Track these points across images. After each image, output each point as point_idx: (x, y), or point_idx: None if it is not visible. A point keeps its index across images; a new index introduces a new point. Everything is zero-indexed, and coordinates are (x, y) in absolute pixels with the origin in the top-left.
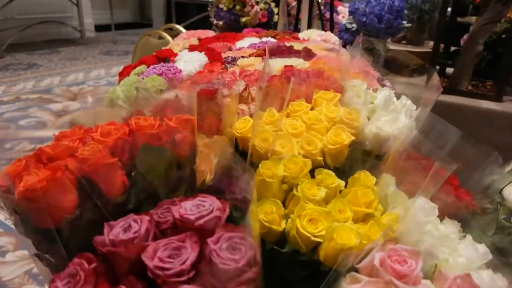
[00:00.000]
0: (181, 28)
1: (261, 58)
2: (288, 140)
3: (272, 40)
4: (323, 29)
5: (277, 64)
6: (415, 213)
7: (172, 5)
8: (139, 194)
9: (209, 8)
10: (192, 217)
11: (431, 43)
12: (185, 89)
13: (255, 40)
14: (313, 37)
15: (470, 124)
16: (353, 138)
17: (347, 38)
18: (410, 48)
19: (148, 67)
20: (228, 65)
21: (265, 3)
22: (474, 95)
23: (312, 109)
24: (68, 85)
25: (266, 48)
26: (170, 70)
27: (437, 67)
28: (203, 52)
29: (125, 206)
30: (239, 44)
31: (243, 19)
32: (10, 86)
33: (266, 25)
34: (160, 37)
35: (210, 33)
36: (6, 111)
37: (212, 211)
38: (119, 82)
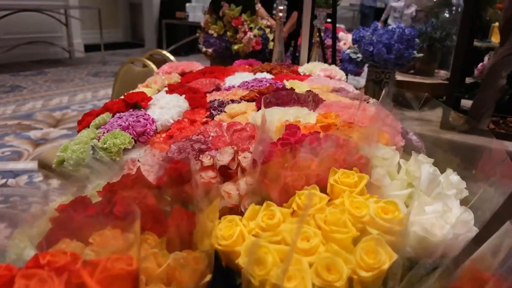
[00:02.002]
0: (168, 55)
1: (254, 103)
2: (297, 266)
3: (268, 76)
4: (325, 57)
5: (276, 115)
6: None
7: (162, 27)
8: None
9: (197, 34)
10: None
11: (441, 72)
12: (157, 146)
13: (248, 76)
14: (315, 71)
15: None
16: (396, 257)
17: (352, 70)
18: (419, 79)
19: (113, 116)
20: (214, 112)
21: (259, 29)
22: (497, 135)
23: (329, 201)
24: (51, 110)
25: (262, 101)
26: (139, 121)
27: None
28: (184, 96)
29: None
30: (229, 81)
31: (235, 47)
32: None
33: (261, 53)
34: (145, 65)
35: (195, 65)
36: None
37: None
38: (78, 131)
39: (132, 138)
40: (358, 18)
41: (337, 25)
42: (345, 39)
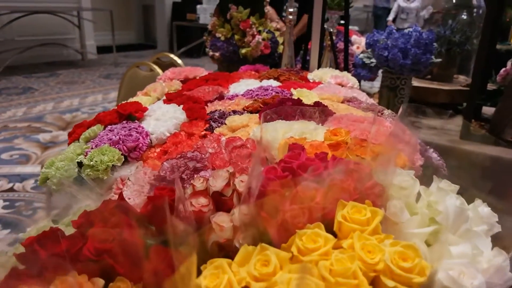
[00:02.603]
0: (175, 58)
1: (257, 114)
2: None
3: (275, 83)
4: (336, 62)
5: (280, 130)
6: None
7: (173, 28)
8: None
9: (204, 37)
10: None
11: (460, 77)
12: (150, 163)
13: (253, 83)
14: (325, 78)
15: None
16: None
17: (365, 75)
18: (437, 85)
19: (105, 128)
20: (214, 124)
21: (268, 32)
22: None
23: (337, 238)
24: (61, 112)
25: (262, 117)
26: (131, 135)
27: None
28: (182, 106)
29: None
30: (233, 88)
31: (243, 51)
32: (0, 112)
33: (270, 57)
34: (151, 69)
35: (199, 71)
36: None
37: None
38: (69, 144)
39: (122, 154)
40: (372, 20)
41: (350, 27)
42: (359, 43)
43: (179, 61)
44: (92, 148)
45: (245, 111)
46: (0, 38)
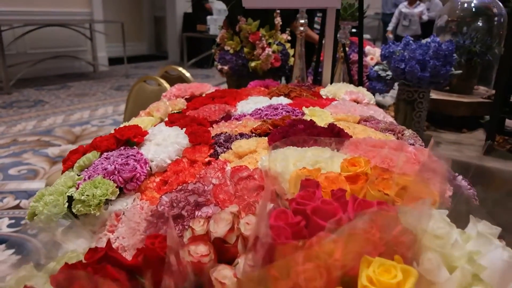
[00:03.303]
0: (183, 71)
1: (266, 138)
2: None
3: (285, 100)
4: (350, 75)
5: (291, 159)
6: None
7: (184, 40)
8: None
9: (213, 50)
10: None
11: (481, 89)
12: (149, 194)
13: (262, 100)
14: (339, 94)
15: None
16: None
17: (381, 89)
18: (456, 97)
19: (101, 155)
20: (219, 149)
21: (279, 44)
22: None
23: None
24: (71, 125)
25: (269, 150)
26: (128, 164)
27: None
28: (184, 130)
29: None
30: (241, 107)
31: (252, 64)
32: (10, 126)
33: (280, 69)
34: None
35: (206, 87)
36: None
37: None
38: (62, 173)
39: (117, 186)
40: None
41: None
42: (372, 54)
43: (187, 74)
44: (84, 180)
45: (253, 134)
46: (13, 51)
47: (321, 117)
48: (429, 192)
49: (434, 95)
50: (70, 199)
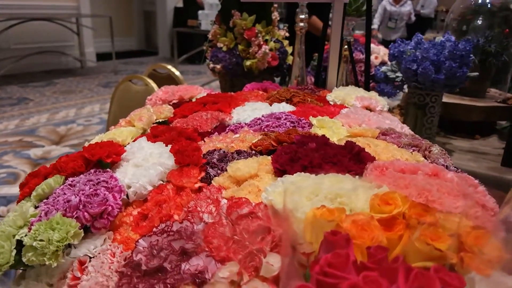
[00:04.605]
0: (173, 70)
1: (270, 157)
2: None
3: (288, 107)
4: (355, 76)
5: (304, 191)
6: None
7: (174, 35)
8: None
9: (204, 47)
10: None
11: (492, 91)
12: (123, 233)
13: (261, 107)
14: (349, 101)
15: None
16: None
17: (390, 92)
18: (469, 101)
19: (66, 180)
20: (211, 171)
21: (276, 41)
22: None
23: None
24: (55, 124)
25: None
26: (97, 194)
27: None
28: (170, 146)
29: None
30: (236, 114)
31: (248, 63)
32: None
33: (278, 69)
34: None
35: (196, 90)
36: None
37: None
38: (17, 202)
39: (81, 226)
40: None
41: (360, 32)
42: (377, 52)
43: (177, 72)
44: (40, 217)
45: (253, 151)
46: None
47: (332, 129)
48: (493, 246)
49: (445, 98)
50: (21, 243)
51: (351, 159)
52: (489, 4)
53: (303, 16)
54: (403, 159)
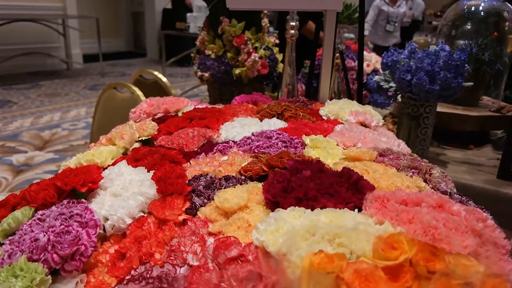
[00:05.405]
0: (160, 76)
1: (260, 186)
2: None
3: (279, 123)
4: (348, 86)
5: (300, 231)
6: None
7: (162, 37)
8: None
9: (192, 54)
10: None
11: (485, 99)
12: (97, 275)
13: (251, 123)
14: (343, 115)
15: None
16: None
17: (383, 102)
18: (462, 111)
19: (35, 212)
20: (197, 200)
21: (266, 48)
22: None
23: None
24: (39, 129)
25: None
26: (69, 231)
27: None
28: (152, 173)
29: None
30: (225, 131)
31: (237, 71)
32: None
33: (268, 77)
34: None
35: (183, 103)
36: None
37: None
38: None
39: (49, 271)
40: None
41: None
42: (368, 60)
43: (164, 79)
44: (2, 260)
45: (243, 176)
46: None
47: (326, 149)
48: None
49: (438, 107)
50: None
51: (349, 188)
52: (482, 12)
53: (293, 24)
54: (404, 186)
